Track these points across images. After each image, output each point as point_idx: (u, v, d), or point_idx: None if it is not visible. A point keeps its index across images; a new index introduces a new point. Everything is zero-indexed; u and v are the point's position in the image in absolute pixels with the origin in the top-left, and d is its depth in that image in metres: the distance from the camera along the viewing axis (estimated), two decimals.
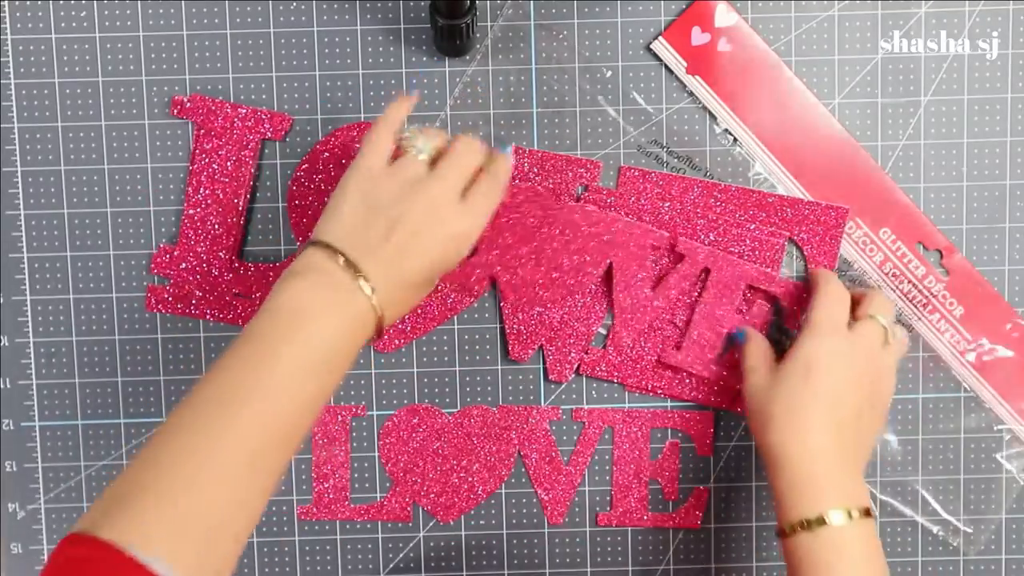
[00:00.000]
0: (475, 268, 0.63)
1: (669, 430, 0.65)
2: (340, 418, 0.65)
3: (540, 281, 0.63)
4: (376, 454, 0.65)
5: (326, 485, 0.65)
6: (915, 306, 0.64)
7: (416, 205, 0.51)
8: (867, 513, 0.54)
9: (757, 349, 0.60)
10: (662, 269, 0.63)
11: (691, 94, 0.63)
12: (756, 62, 0.63)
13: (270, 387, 0.46)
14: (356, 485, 0.65)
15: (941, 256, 0.64)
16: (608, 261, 0.63)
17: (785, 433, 0.55)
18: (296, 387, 0.47)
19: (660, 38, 0.62)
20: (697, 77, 0.63)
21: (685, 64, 0.63)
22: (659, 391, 0.64)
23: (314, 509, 0.65)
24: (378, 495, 0.65)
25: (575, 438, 0.65)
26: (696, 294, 0.63)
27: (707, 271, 0.62)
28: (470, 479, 0.65)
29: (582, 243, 0.62)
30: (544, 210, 0.62)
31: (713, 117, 0.64)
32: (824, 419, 0.55)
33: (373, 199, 0.51)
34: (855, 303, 0.60)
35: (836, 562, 0.52)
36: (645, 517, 0.65)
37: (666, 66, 0.63)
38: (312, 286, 0.49)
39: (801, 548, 0.53)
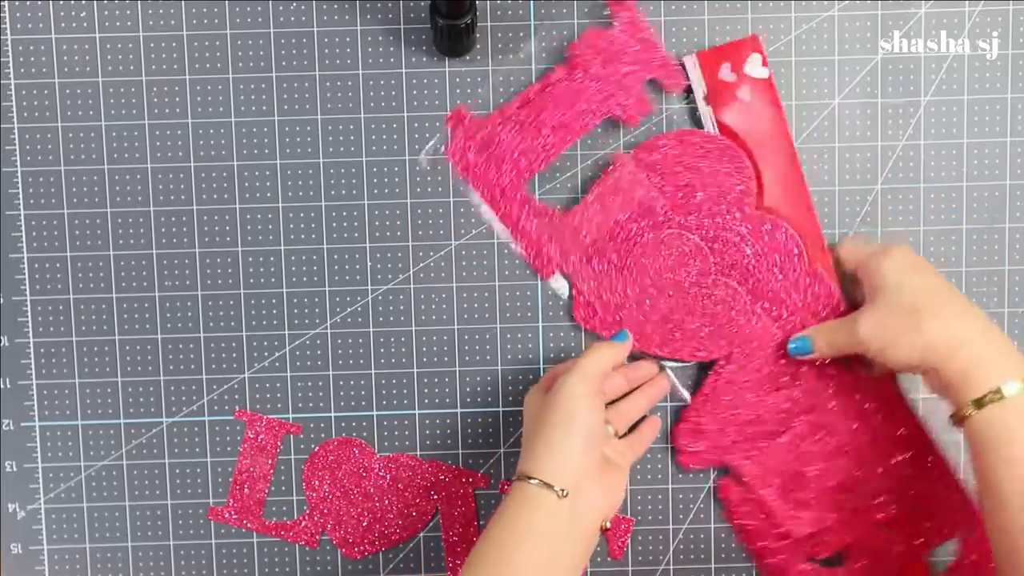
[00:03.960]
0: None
1: None
2: (274, 432, 0.65)
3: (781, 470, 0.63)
4: (298, 475, 0.65)
5: (244, 492, 0.65)
6: None
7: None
8: None
9: (827, 331, 0.60)
10: None
11: (694, 110, 0.63)
12: (767, 126, 0.63)
13: None
14: (277, 499, 0.65)
15: None
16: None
17: (933, 333, 0.54)
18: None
19: (695, 55, 0.62)
20: (711, 109, 0.63)
21: (705, 91, 0.63)
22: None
23: (226, 513, 0.65)
24: (294, 515, 0.65)
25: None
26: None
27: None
28: (383, 524, 0.65)
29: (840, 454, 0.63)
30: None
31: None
32: (955, 306, 0.56)
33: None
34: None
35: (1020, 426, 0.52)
36: None
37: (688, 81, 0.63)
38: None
39: (993, 420, 0.52)
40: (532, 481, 0.53)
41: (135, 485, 0.65)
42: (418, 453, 0.65)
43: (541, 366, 0.65)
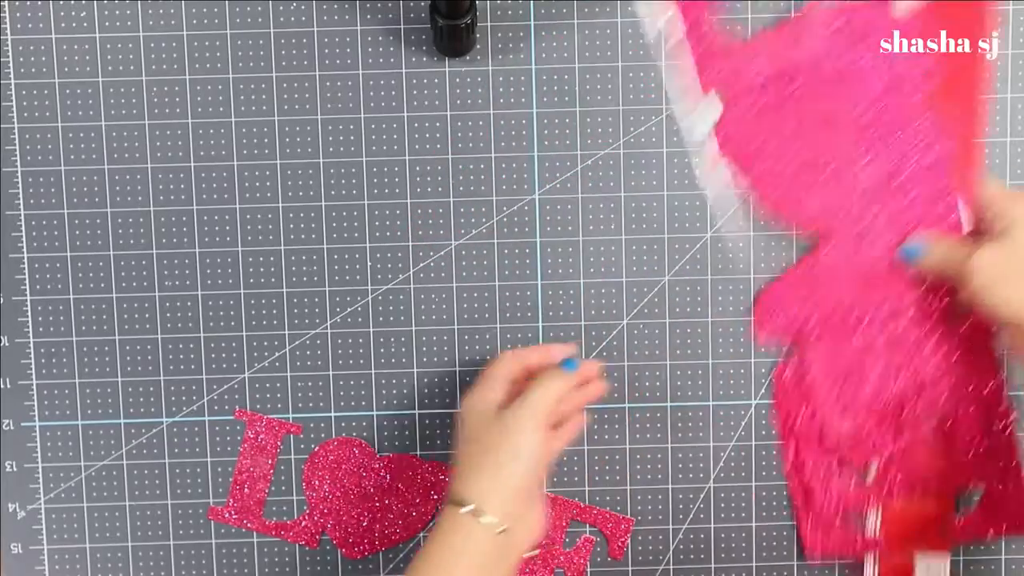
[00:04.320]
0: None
1: (587, 526, 0.65)
2: (274, 432, 0.65)
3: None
4: (298, 475, 0.65)
5: (244, 492, 0.65)
6: None
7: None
8: None
9: (943, 247, 0.60)
10: None
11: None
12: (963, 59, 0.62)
13: None
14: (277, 499, 0.65)
15: None
16: None
17: None
18: None
19: None
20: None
21: None
22: None
23: (226, 513, 0.65)
24: (294, 515, 0.65)
25: None
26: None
27: None
28: (383, 524, 0.65)
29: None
30: None
31: None
32: None
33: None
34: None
35: None
36: None
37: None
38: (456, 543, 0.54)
39: None
40: (467, 509, 0.53)
41: (135, 485, 0.65)
42: (418, 453, 0.65)
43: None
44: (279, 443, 0.65)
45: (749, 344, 0.65)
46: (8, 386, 0.65)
